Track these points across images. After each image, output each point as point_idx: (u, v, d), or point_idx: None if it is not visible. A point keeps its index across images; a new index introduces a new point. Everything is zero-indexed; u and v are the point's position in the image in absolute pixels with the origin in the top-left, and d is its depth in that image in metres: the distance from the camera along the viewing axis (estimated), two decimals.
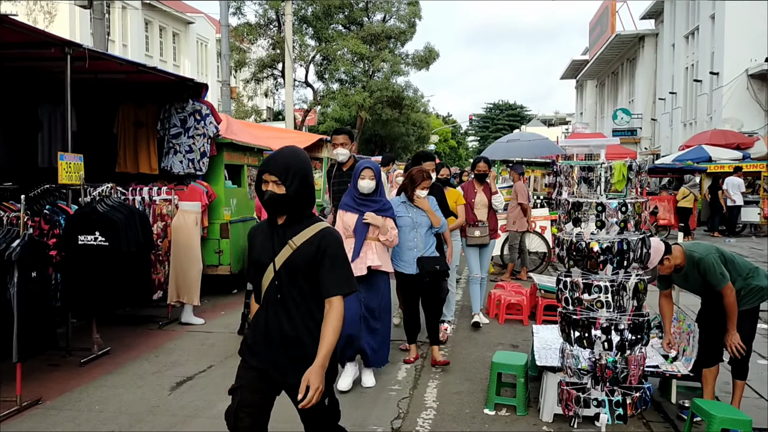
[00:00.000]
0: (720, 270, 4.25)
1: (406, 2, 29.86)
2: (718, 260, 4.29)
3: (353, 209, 5.09)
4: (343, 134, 5.95)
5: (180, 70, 34.78)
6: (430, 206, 5.67)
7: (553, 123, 77.49)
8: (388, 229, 5.07)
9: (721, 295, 4.27)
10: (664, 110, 32.89)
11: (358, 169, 5.11)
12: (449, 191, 6.86)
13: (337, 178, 6.06)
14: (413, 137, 38.54)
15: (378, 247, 5.10)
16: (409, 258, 5.55)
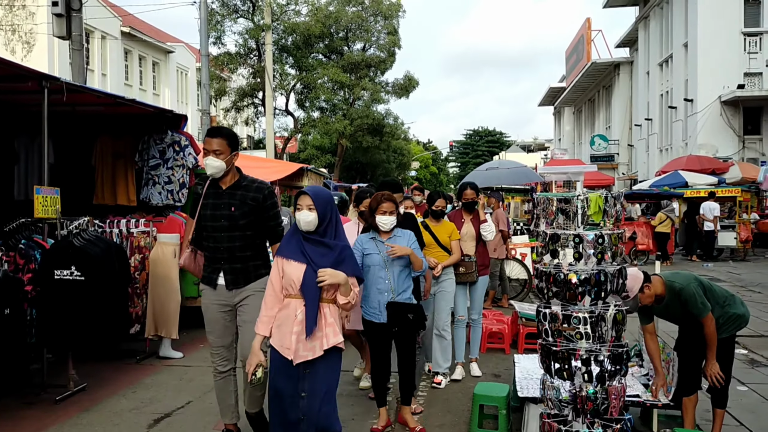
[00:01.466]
0: (701, 300, 4.29)
1: (386, 32, 30.21)
2: (698, 289, 4.33)
3: (299, 257, 3.63)
4: (220, 137, 4.18)
5: (160, 99, 34.77)
6: (407, 246, 4.79)
7: (532, 149, 78.35)
8: (351, 288, 3.66)
9: (701, 324, 4.31)
10: (640, 136, 33.46)
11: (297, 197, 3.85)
12: (443, 223, 6.14)
13: (210, 199, 4.26)
14: (394, 164, 38.77)
15: (333, 312, 3.69)
16: (378, 303, 4.74)
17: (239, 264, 4.25)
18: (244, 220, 4.20)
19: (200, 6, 17.79)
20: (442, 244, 6.01)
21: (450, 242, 6.03)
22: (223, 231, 4.22)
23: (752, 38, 24.81)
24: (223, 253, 4.24)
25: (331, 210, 3.72)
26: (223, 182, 4.27)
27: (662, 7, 30.05)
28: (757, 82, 24.73)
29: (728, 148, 24.53)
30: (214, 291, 4.29)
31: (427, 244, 5.85)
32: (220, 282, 4.27)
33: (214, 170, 4.17)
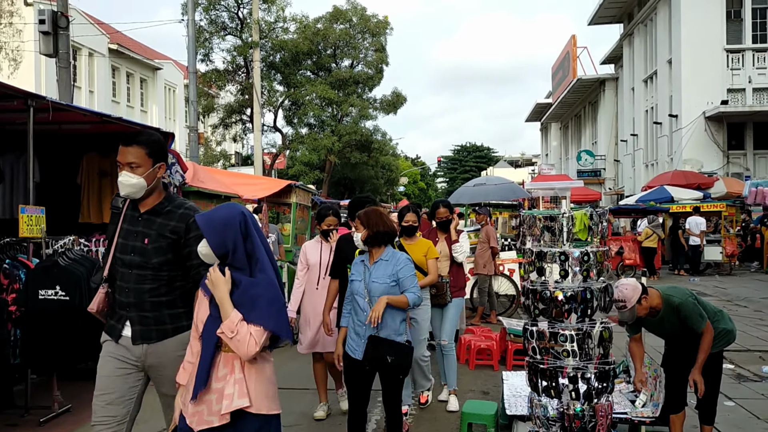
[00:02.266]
0: (699, 311, 4.32)
1: (373, 49, 30.41)
2: (695, 303, 4.37)
3: (209, 293, 2.83)
4: (136, 146, 3.30)
5: (147, 116, 34.71)
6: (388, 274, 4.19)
7: (520, 164, 78.85)
8: (241, 337, 2.67)
9: (693, 340, 4.33)
10: (626, 151, 33.75)
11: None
12: (418, 242, 5.57)
13: (126, 224, 3.34)
14: (382, 180, 38.85)
15: (248, 364, 2.78)
16: (358, 336, 4.20)
17: (150, 312, 3.25)
18: (158, 258, 3.23)
19: (188, 24, 17.84)
20: (417, 264, 5.04)
21: (426, 261, 5.44)
22: (133, 267, 3.25)
23: (735, 55, 25.18)
24: (129, 296, 3.26)
25: (232, 235, 2.76)
26: (143, 204, 3.33)
27: (646, 25, 30.47)
28: (741, 98, 25.07)
29: (713, 163, 24.80)
30: (116, 344, 3.30)
31: None
32: (125, 333, 3.27)
33: (130, 190, 3.24)
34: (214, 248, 2.77)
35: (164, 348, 3.25)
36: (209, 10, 26.05)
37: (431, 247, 5.54)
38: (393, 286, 4.16)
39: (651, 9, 29.14)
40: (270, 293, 2.77)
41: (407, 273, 4.20)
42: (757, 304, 12.20)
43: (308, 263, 5.73)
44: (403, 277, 4.18)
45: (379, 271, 4.19)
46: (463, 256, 6.18)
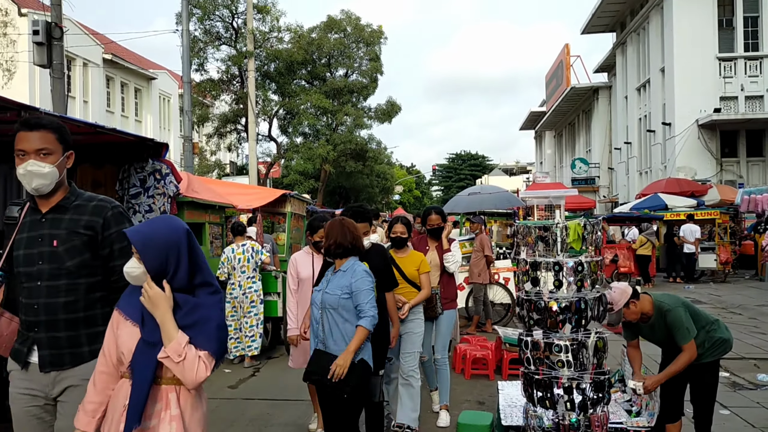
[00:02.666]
0: (687, 325, 4.29)
1: (368, 58, 30.50)
2: (686, 314, 4.34)
3: (136, 316, 2.47)
4: (43, 130, 2.78)
5: (142, 126, 34.69)
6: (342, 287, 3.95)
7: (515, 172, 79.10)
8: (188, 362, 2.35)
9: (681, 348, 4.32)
10: (620, 159, 33.87)
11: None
12: (410, 254, 5.35)
13: (25, 232, 2.84)
14: (377, 188, 38.88)
15: (185, 398, 2.46)
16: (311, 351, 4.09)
17: (64, 332, 2.73)
18: (72, 261, 2.74)
19: (182, 34, 17.85)
20: (409, 278, 5.17)
21: (419, 276, 5.21)
22: (42, 279, 2.73)
23: (727, 63, 25.34)
24: (39, 313, 2.73)
25: (175, 255, 2.43)
26: (47, 202, 2.81)
27: (639, 34, 30.65)
28: (733, 105, 25.22)
29: (706, 171, 24.91)
30: (24, 373, 2.78)
31: None
32: (32, 359, 2.76)
33: (41, 181, 2.72)
34: (152, 269, 2.40)
35: (78, 374, 2.72)
36: (204, 20, 26.10)
37: (424, 260, 5.31)
38: (345, 299, 3.89)
39: (643, 18, 29.33)
40: (219, 316, 2.48)
41: (362, 286, 3.89)
42: (752, 312, 12.22)
43: (299, 276, 5.43)
44: (357, 290, 3.88)
45: (334, 282, 3.99)
46: (455, 266, 5.90)
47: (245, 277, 8.31)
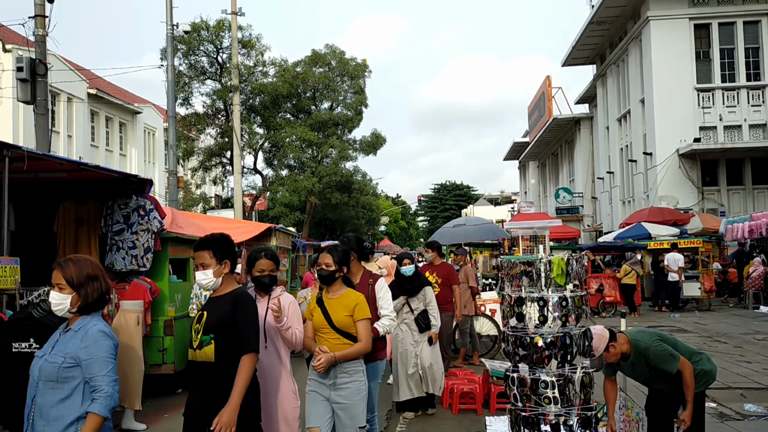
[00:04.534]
0: (669, 351, 4.31)
1: (352, 91, 30.79)
2: (663, 344, 4.37)
3: None
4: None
5: (127, 160, 34.59)
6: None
7: (500, 202, 79.52)
8: None
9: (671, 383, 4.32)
10: (603, 189, 34.19)
11: None
12: (344, 294, 4.30)
13: None
14: (363, 220, 38.93)
15: None
16: None
17: None
18: None
19: (167, 69, 17.97)
20: (337, 326, 4.14)
21: (353, 323, 4.15)
22: None
23: (705, 93, 25.83)
24: None
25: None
26: None
27: (618, 65, 31.22)
28: (712, 135, 25.64)
29: (688, 200, 25.19)
30: None
31: (317, 327, 4.22)
32: None
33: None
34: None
35: None
36: (189, 55, 26.28)
37: (360, 303, 4.20)
38: (67, 368, 2.97)
39: (622, 50, 29.91)
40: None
41: (97, 353, 2.97)
42: (737, 340, 12.27)
43: None
44: (89, 359, 2.95)
45: (60, 346, 3.07)
46: (389, 319, 4.90)
47: None
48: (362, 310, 4.19)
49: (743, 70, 25.54)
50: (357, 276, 4.99)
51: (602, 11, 28.26)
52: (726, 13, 25.48)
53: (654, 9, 25.67)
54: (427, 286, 7.06)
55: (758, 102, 25.44)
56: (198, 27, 25.37)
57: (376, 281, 5.04)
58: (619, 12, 28.16)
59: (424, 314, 6.94)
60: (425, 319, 6.91)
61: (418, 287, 6.99)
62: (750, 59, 25.61)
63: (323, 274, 4.29)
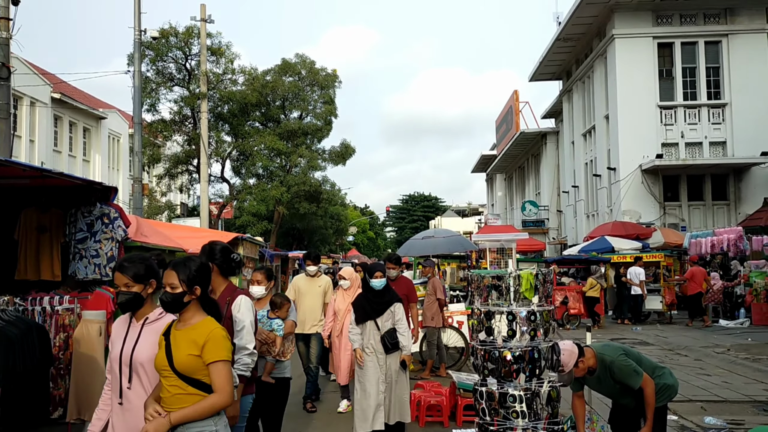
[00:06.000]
0: (633, 367, 4.39)
1: (322, 101, 30.77)
2: (628, 359, 4.45)
3: None
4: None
5: (90, 166, 33.97)
6: None
7: (467, 214, 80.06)
8: None
9: (634, 396, 4.39)
10: (568, 202, 34.71)
11: None
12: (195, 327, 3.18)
13: None
14: (331, 230, 38.86)
15: None
16: None
17: None
18: None
19: (134, 75, 17.74)
20: (177, 368, 3.05)
21: (199, 367, 3.07)
22: None
23: (667, 111, 26.44)
24: None
25: None
26: None
27: (584, 82, 31.80)
28: (674, 152, 26.24)
29: (650, 214, 25.70)
30: None
31: (158, 369, 3.14)
32: None
33: None
34: None
35: None
36: (156, 61, 25.96)
37: (213, 338, 3.08)
38: None
39: (588, 67, 30.48)
40: None
41: None
42: (697, 353, 12.52)
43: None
44: None
45: None
46: (246, 355, 3.94)
47: None
48: (216, 347, 3.06)
49: (704, 89, 26.23)
50: (217, 293, 4.10)
51: (569, 28, 28.80)
52: (688, 33, 26.18)
53: (619, 27, 26.25)
54: (398, 302, 6.29)
55: (718, 120, 26.14)
56: (166, 33, 25.10)
57: (234, 298, 4.04)
58: (585, 29, 28.72)
59: (392, 333, 6.15)
60: (392, 338, 6.13)
61: (387, 303, 6.26)
62: (711, 78, 26.33)
63: (165, 299, 3.18)
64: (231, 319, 3.90)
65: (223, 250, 4.25)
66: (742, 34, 25.78)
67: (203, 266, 3.30)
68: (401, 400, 6.19)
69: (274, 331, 5.24)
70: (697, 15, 26.14)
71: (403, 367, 6.23)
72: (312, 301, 8.30)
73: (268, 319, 5.32)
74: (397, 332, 6.16)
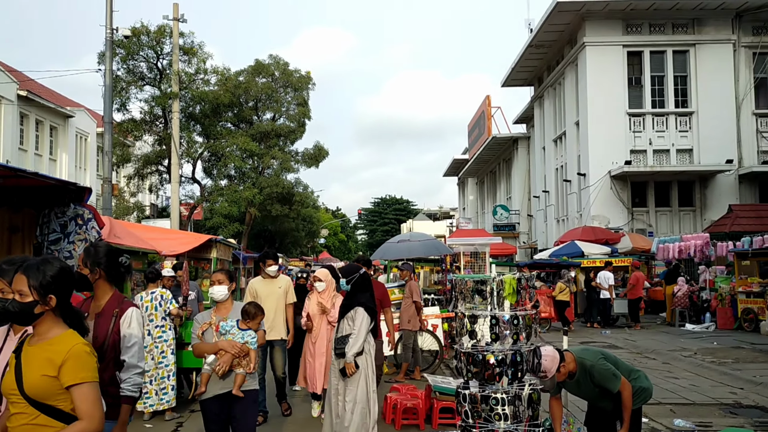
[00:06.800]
0: (612, 371, 4.48)
1: (296, 103, 30.68)
2: (607, 363, 4.53)
3: None
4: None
5: (57, 165, 33.33)
6: None
7: (438, 217, 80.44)
8: None
9: (612, 399, 4.47)
10: (538, 207, 35.12)
11: None
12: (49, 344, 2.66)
13: None
14: (303, 232, 38.75)
15: None
16: None
17: None
18: None
19: (105, 74, 17.49)
20: (27, 392, 2.57)
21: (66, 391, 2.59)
22: None
23: (636, 118, 26.94)
24: None
25: None
26: None
27: (555, 88, 32.23)
28: (642, 158, 26.74)
29: (619, 220, 26.15)
30: None
31: (5, 393, 2.69)
32: None
33: None
34: None
35: None
36: (127, 60, 25.59)
37: (75, 355, 2.60)
38: None
39: (559, 74, 30.91)
40: None
41: None
42: (666, 356, 12.77)
43: None
44: None
45: None
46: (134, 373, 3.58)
47: (153, 326, 7.78)
48: (78, 366, 2.59)
49: (672, 97, 26.79)
50: (101, 302, 3.63)
51: (541, 35, 29.17)
52: (657, 42, 26.72)
53: (590, 35, 26.68)
54: (359, 306, 5.88)
55: (685, 128, 26.71)
56: (138, 32, 24.75)
57: (124, 311, 3.60)
58: (557, 37, 29.13)
59: (341, 339, 5.84)
60: (338, 344, 5.82)
61: (346, 307, 6.00)
62: (678, 87, 26.89)
63: (10, 309, 2.67)
64: (119, 333, 3.52)
65: (109, 252, 3.72)
66: (709, 44, 26.40)
67: (62, 271, 2.78)
68: (352, 418, 5.69)
69: (247, 343, 4.81)
70: (665, 25, 26.69)
71: (342, 374, 5.79)
72: (273, 304, 7.63)
73: (239, 330, 4.87)
74: (348, 338, 5.82)
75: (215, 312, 5.01)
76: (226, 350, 4.70)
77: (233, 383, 4.71)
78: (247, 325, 4.92)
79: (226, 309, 5.00)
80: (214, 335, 4.84)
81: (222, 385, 4.73)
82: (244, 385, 4.75)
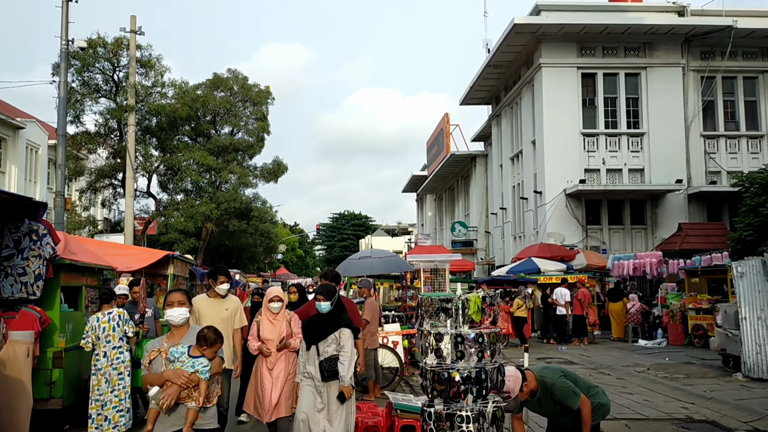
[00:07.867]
0: (572, 389, 4.56)
1: (255, 117, 30.51)
2: (567, 381, 4.62)
3: None
4: None
5: (6, 178, 32.33)
6: None
7: (397, 233, 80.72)
8: None
9: (572, 416, 4.55)
10: (496, 224, 35.57)
11: None
12: None
13: None
14: (261, 248, 38.34)
15: None
16: None
17: None
18: None
19: (60, 85, 17.14)
20: None
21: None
22: None
23: (590, 138, 27.60)
24: None
25: None
26: None
27: (512, 107, 32.83)
28: (596, 177, 27.37)
29: (574, 237, 26.66)
30: None
31: None
32: None
33: None
34: None
35: None
36: (82, 72, 25.10)
37: None
38: None
39: (516, 94, 31.52)
40: None
41: None
42: (620, 372, 13.04)
43: None
44: None
45: None
46: None
47: (110, 347, 7.46)
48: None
49: (624, 118, 27.55)
50: None
51: (498, 56, 29.72)
52: (610, 65, 27.49)
53: (546, 57, 27.31)
54: (345, 327, 5.82)
55: (637, 148, 27.48)
56: (95, 43, 24.35)
57: None
58: (514, 57, 29.72)
59: (332, 360, 5.70)
60: (330, 366, 5.68)
61: (331, 327, 5.82)
62: (631, 108, 27.69)
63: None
64: None
65: None
66: (659, 67, 27.29)
67: None
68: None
69: (197, 372, 4.31)
70: (618, 48, 27.51)
71: (340, 399, 5.75)
72: (218, 328, 6.98)
73: (190, 357, 4.37)
74: (339, 361, 5.71)
75: (168, 338, 4.55)
76: (172, 381, 4.21)
77: (185, 420, 4.23)
78: (201, 351, 4.43)
79: (180, 334, 4.57)
80: (163, 364, 4.35)
81: (171, 422, 4.24)
82: (197, 423, 4.26)
